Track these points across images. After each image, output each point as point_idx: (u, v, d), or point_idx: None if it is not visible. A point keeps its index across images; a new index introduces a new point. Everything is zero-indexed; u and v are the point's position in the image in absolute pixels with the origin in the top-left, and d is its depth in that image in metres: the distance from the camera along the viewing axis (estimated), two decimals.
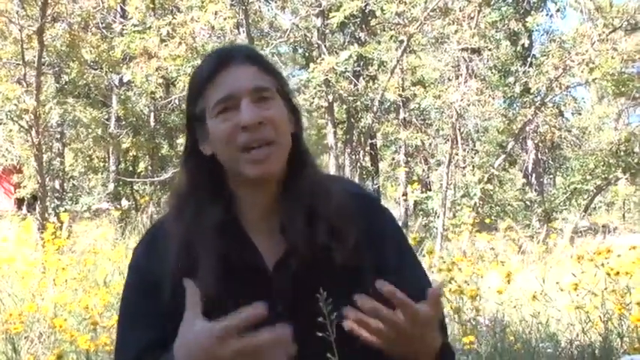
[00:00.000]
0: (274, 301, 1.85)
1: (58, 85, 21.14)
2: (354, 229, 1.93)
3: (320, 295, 1.76)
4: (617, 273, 5.89)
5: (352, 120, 20.83)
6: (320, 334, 1.77)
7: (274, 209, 1.94)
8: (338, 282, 1.86)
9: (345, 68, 17.38)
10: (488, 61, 20.92)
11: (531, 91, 19.31)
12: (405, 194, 21.94)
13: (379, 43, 20.04)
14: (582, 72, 16.84)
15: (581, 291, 6.10)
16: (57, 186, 22.41)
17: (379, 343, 1.73)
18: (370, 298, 1.69)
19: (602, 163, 21.30)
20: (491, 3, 19.34)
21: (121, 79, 20.98)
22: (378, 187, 25.27)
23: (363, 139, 20.47)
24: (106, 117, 22.34)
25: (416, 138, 22.50)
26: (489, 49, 19.81)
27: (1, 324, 6.37)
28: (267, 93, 1.88)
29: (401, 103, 23.10)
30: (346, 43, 20.23)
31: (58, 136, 22.53)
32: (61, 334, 6.04)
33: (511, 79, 21.75)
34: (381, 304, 1.69)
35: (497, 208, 20.89)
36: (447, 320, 5.91)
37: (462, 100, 16.48)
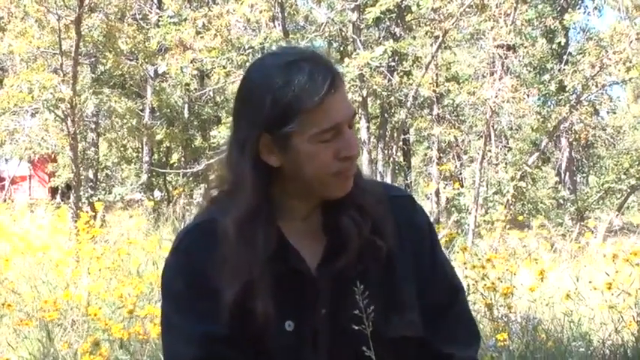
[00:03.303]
0: (319, 303, 1.87)
1: (94, 75, 21.30)
2: (392, 228, 1.95)
3: (357, 288, 1.78)
4: None
5: (386, 115, 20.74)
6: (357, 328, 1.79)
7: (314, 212, 1.95)
8: (376, 280, 1.90)
9: (380, 63, 17.27)
10: (523, 58, 20.80)
11: (567, 89, 19.15)
12: (437, 190, 21.87)
13: (414, 38, 19.98)
14: (619, 71, 16.68)
15: (615, 290, 6.07)
16: (91, 176, 22.56)
17: None
18: None
19: (637, 163, 21.12)
20: (528, 0, 19.21)
21: (156, 71, 21.08)
22: (410, 182, 25.22)
23: (396, 134, 20.40)
24: (141, 108, 22.51)
25: (449, 134, 22.40)
26: (525, 47, 19.68)
27: (36, 311, 6.45)
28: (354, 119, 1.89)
29: (435, 99, 23.00)
30: (381, 38, 20.16)
31: (93, 126, 22.68)
32: (94, 322, 6.10)
33: (546, 77, 21.56)
34: None
35: (530, 205, 20.79)
36: (478, 317, 5.91)
37: (496, 97, 16.38)
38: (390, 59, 18.55)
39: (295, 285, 1.88)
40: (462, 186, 20.37)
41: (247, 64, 16.19)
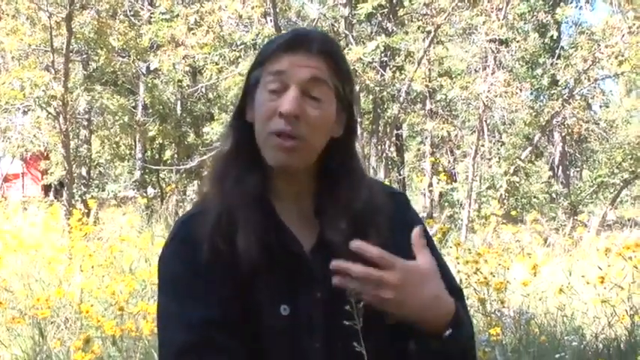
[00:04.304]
0: (313, 286, 1.87)
1: (85, 72, 21.25)
2: (387, 221, 1.95)
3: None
4: None
5: (378, 110, 20.76)
6: (349, 310, 1.77)
7: (306, 193, 1.95)
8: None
9: (372, 58, 17.31)
10: (516, 52, 20.80)
11: (559, 83, 19.18)
12: (430, 185, 21.91)
13: (407, 33, 19.97)
14: (611, 65, 16.71)
15: (608, 284, 6.08)
16: (84, 173, 22.51)
17: (382, 307, 1.74)
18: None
19: (630, 157, 21.15)
20: None
21: (148, 67, 21.09)
22: (404, 177, 25.23)
23: (389, 129, 20.42)
24: (133, 105, 22.47)
25: (442, 129, 22.43)
26: (517, 41, 19.69)
27: (29, 309, 6.43)
28: (320, 90, 1.87)
29: (427, 94, 23.02)
30: (373, 34, 20.17)
31: (86, 123, 22.62)
32: (87, 319, 6.09)
33: (539, 71, 21.61)
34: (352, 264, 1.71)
35: (523, 200, 20.82)
36: (471, 311, 5.91)
37: (489, 91, 16.40)
38: (383, 54, 18.58)
39: (290, 267, 1.87)
40: (455, 181, 20.35)
41: (239, 60, 16.23)
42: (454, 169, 25.79)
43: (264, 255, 1.84)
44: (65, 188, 15.03)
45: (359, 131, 17.95)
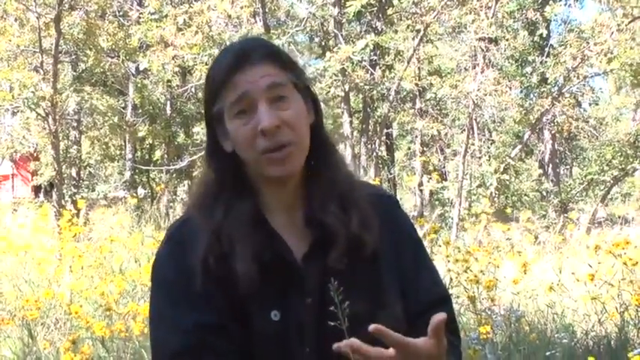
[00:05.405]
0: (304, 293, 1.87)
1: (74, 73, 21.24)
2: (377, 221, 1.95)
3: (331, 284, 1.76)
4: (636, 264, 5.87)
5: (368, 109, 20.76)
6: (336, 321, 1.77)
7: (296, 204, 1.96)
8: (362, 273, 1.90)
9: (362, 57, 17.33)
10: (505, 50, 20.84)
11: (549, 81, 19.22)
12: (420, 184, 21.91)
13: (396, 32, 19.99)
14: (600, 62, 16.75)
15: (598, 282, 6.09)
16: (73, 174, 22.49)
17: None
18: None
19: (620, 154, 21.17)
20: None
21: (137, 68, 21.06)
22: (394, 176, 25.25)
23: (379, 128, 20.42)
24: (123, 105, 22.46)
25: (432, 128, 22.44)
26: (507, 39, 19.74)
27: (18, 310, 6.41)
28: (283, 90, 1.88)
29: (417, 93, 23.05)
30: (363, 32, 20.17)
31: (75, 124, 22.61)
32: (77, 320, 6.06)
33: (528, 69, 21.65)
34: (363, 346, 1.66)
35: (514, 198, 20.85)
36: (462, 309, 5.90)
37: (478, 90, 16.43)
38: (372, 53, 18.60)
39: (281, 275, 1.87)
40: (445, 179, 20.39)
41: None
42: (444, 167, 25.82)
43: (258, 264, 1.84)
44: (55, 189, 15.01)
45: (349, 130, 18.02)
